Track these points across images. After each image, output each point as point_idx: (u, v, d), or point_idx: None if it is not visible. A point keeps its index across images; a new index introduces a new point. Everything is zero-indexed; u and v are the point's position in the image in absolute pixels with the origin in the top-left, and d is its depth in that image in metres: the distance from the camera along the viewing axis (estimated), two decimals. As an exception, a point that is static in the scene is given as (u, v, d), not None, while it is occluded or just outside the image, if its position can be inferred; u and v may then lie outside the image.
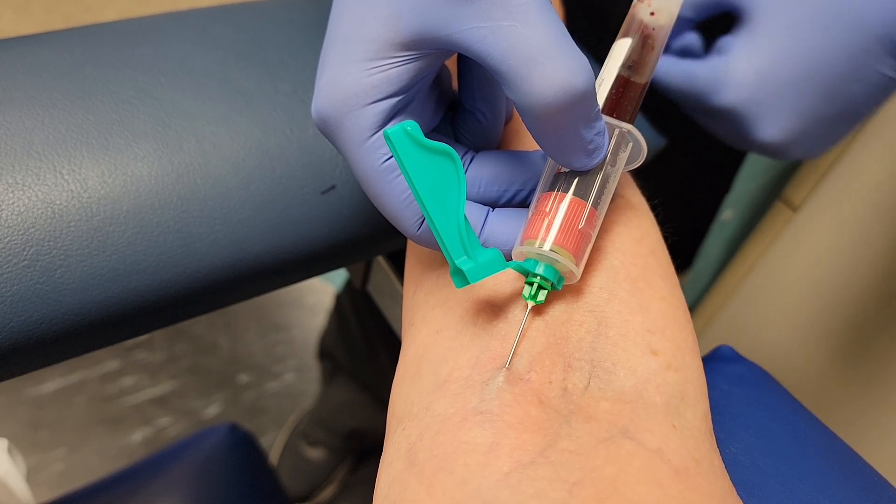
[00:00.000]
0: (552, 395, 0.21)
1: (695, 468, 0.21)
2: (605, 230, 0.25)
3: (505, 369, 0.22)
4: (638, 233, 0.26)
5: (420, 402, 0.23)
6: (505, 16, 0.20)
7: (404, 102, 0.23)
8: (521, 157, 0.25)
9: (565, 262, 0.22)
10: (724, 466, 0.23)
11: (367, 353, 0.88)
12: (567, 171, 0.24)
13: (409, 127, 0.20)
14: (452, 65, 0.28)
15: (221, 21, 0.36)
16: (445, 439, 0.21)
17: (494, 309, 0.24)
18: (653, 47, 0.25)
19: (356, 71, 0.22)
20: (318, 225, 0.33)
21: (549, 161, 0.24)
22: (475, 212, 0.24)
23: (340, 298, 0.90)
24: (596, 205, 0.23)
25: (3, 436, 0.52)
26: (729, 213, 0.61)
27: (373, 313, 0.81)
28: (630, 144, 0.25)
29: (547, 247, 0.22)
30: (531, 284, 0.23)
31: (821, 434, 0.28)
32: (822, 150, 0.36)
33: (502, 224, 0.24)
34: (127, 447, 0.98)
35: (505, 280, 0.24)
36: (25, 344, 0.28)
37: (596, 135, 0.22)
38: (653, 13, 0.25)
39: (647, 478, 0.20)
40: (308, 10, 0.38)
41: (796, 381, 0.62)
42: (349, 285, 0.87)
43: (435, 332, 0.24)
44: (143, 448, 0.98)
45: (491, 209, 0.25)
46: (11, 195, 0.28)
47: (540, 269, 0.22)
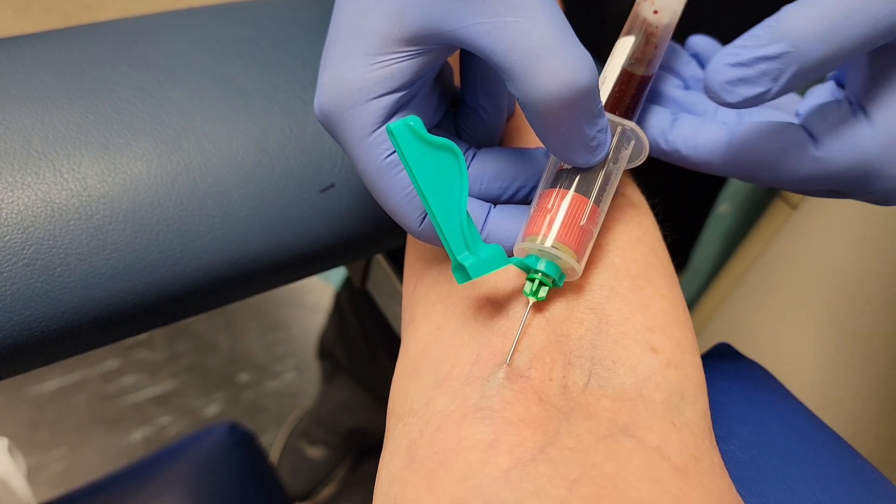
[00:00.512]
0: (552, 393, 0.21)
1: (694, 465, 0.21)
2: (605, 228, 0.25)
3: (505, 366, 0.22)
4: (639, 230, 0.26)
5: (420, 398, 0.23)
6: (509, 11, 0.20)
7: (407, 98, 0.23)
8: (523, 153, 0.25)
9: (567, 258, 0.22)
10: (723, 464, 0.23)
11: (367, 352, 0.88)
12: (569, 168, 0.24)
13: (411, 122, 0.20)
14: (455, 61, 0.28)
15: (220, 19, 0.36)
16: (446, 436, 0.21)
17: (495, 305, 0.24)
18: (655, 45, 0.25)
19: (359, 66, 0.22)
20: (317, 223, 0.33)
21: (552, 158, 0.24)
22: (477, 208, 0.24)
23: (340, 297, 0.90)
24: (598, 202, 0.23)
25: (3, 435, 0.52)
26: (725, 207, 0.61)
27: (372, 312, 0.81)
28: (632, 142, 0.25)
29: (549, 243, 0.22)
30: (532, 281, 0.23)
31: (819, 431, 0.28)
32: None
33: (504, 220, 0.24)
34: (127, 446, 0.98)
35: (506, 276, 0.24)
36: (25, 342, 0.28)
37: (599, 132, 0.22)
38: (656, 11, 0.25)
39: (647, 475, 0.20)
40: (307, 8, 0.38)
41: (795, 379, 0.62)
42: (348, 284, 0.87)
43: (435, 328, 0.24)
44: (144, 447, 0.98)
45: (493, 205, 0.25)
46: (11, 194, 0.28)
47: (541, 266, 0.22)
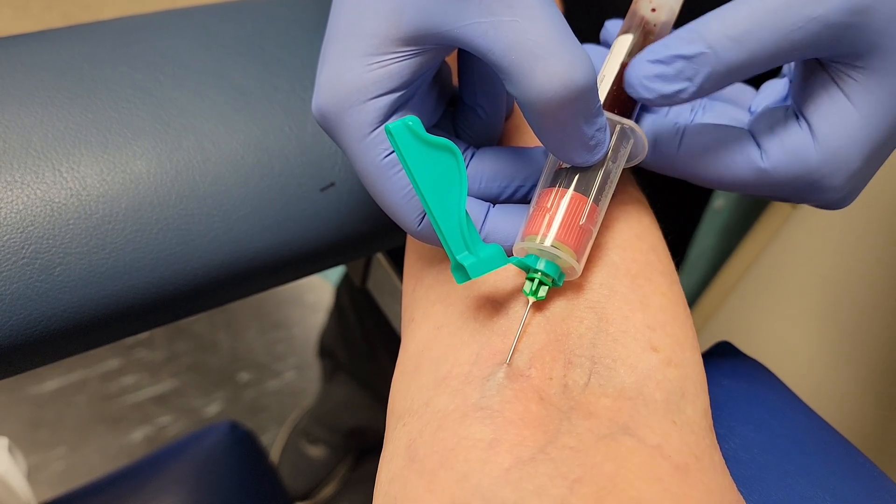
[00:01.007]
0: (552, 392, 0.21)
1: (695, 464, 0.21)
2: (605, 226, 0.25)
3: (505, 365, 0.22)
4: (638, 228, 0.26)
5: (420, 398, 0.23)
6: (507, 11, 0.20)
7: (405, 98, 0.23)
8: (521, 153, 0.25)
9: (566, 258, 0.22)
10: (724, 462, 0.23)
11: (367, 351, 0.88)
12: (568, 166, 0.24)
13: (410, 122, 0.20)
14: (452, 61, 0.28)
15: (220, 18, 0.36)
16: (446, 435, 0.21)
17: (495, 305, 0.24)
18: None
19: (357, 66, 0.22)
20: (318, 222, 0.33)
21: (550, 157, 0.24)
22: (476, 207, 0.24)
23: (340, 296, 0.90)
24: (597, 201, 0.23)
25: (3, 434, 0.52)
26: (721, 202, 0.61)
27: (372, 311, 0.81)
28: (631, 141, 0.24)
29: (548, 243, 0.22)
30: (532, 280, 0.23)
31: (820, 429, 0.28)
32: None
33: (503, 220, 0.24)
34: (127, 446, 0.98)
35: (505, 276, 0.24)
36: (25, 342, 0.28)
37: (597, 131, 0.22)
38: (654, 9, 0.25)
39: (648, 474, 0.20)
40: (307, 7, 0.38)
41: (796, 377, 0.62)
42: (348, 283, 0.87)
43: (435, 328, 0.24)
44: (144, 446, 0.98)
45: (492, 205, 0.25)
46: (10, 193, 0.28)
47: (541, 265, 0.22)
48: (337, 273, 1.03)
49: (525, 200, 0.25)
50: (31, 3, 0.41)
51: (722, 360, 0.32)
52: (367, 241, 0.36)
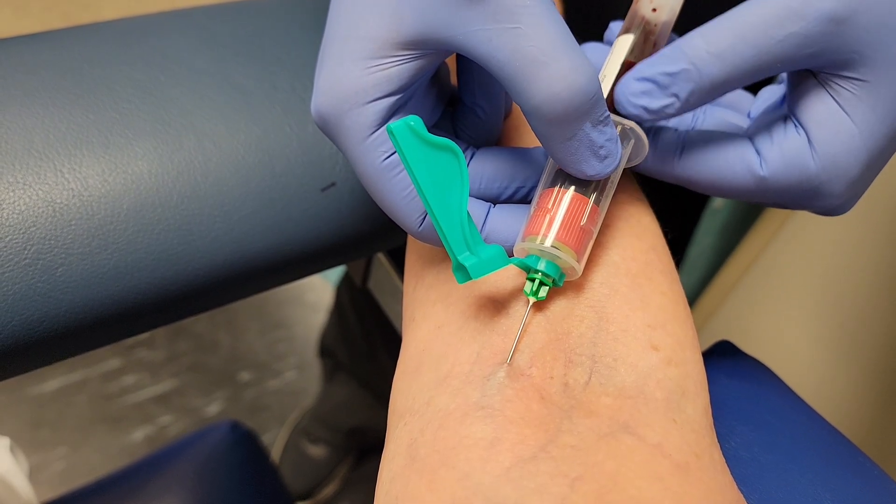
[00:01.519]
0: (553, 391, 0.21)
1: (695, 463, 0.21)
2: (605, 226, 0.25)
3: (506, 365, 0.22)
4: (639, 228, 0.26)
5: (421, 397, 0.23)
6: (509, 18, 0.20)
7: (404, 100, 0.23)
8: (522, 153, 0.25)
9: (567, 258, 0.22)
10: (724, 461, 0.23)
11: (368, 351, 0.88)
12: (568, 167, 0.24)
13: (412, 122, 0.20)
14: (451, 61, 0.28)
15: (220, 19, 0.36)
16: (447, 434, 0.21)
17: (496, 305, 0.24)
18: (654, 43, 0.25)
19: (356, 69, 0.22)
20: (318, 222, 0.33)
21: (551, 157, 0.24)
22: (477, 208, 0.24)
23: (340, 296, 0.90)
24: (598, 201, 0.23)
25: (4, 434, 0.52)
26: (721, 201, 0.61)
27: (373, 311, 0.81)
28: (632, 141, 0.25)
29: (549, 243, 0.22)
30: (532, 280, 0.23)
31: (821, 428, 0.28)
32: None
33: (504, 220, 0.24)
34: (128, 445, 0.98)
35: (506, 276, 0.24)
36: (26, 342, 0.28)
37: (607, 140, 0.22)
38: (654, 9, 0.25)
39: (648, 472, 0.20)
40: (307, 7, 0.38)
41: (796, 376, 0.62)
42: (348, 283, 0.87)
43: (436, 327, 0.25)
44: (145, 446, 0.99)
45: (492, 205, 0.25)
46: (12, 194, 0.28)
47: (541, 266, 0.22)
48: (337, 273, 1.03)
49: (525, 201, 0.25)
50: (32, 4, 0.41)
51: (722, 358, 0.32)
52: (368, 241, 0.36)
